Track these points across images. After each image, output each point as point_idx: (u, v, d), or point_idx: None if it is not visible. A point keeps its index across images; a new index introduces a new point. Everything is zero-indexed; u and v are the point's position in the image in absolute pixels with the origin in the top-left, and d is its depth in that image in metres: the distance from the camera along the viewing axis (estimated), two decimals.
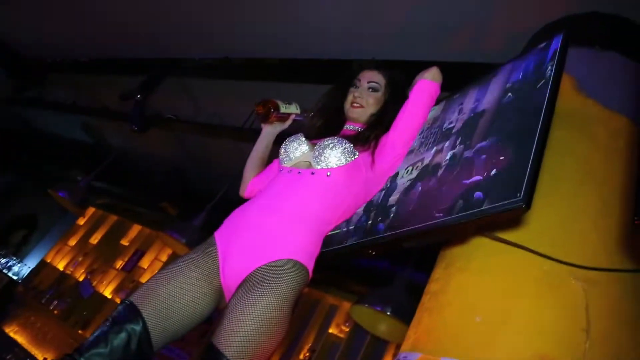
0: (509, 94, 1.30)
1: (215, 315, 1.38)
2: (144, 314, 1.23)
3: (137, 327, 1.22)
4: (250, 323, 1.17)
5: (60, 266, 6.10)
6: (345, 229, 1.52)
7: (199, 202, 3.87)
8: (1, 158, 7.10)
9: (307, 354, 4.15)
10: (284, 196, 1.40)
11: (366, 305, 2.67)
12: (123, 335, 1.20)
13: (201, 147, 4.73)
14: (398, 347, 2.53)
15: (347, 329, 4.11)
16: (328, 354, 4.08)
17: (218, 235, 1.43)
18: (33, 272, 6.23)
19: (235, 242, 1.36)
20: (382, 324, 2.86)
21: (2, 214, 7.47)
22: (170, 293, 1.28)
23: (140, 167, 5.67)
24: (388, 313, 2.56)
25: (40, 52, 4.84)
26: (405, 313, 2.42)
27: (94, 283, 5.55)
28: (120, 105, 4.02)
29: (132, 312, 1.24)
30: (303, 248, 1.33)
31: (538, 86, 1.20)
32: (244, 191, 1.70)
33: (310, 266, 1.34)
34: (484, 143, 1.23)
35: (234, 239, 1.38)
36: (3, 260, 6.38)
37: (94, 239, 6.18)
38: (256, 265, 1.30)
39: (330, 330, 4.18)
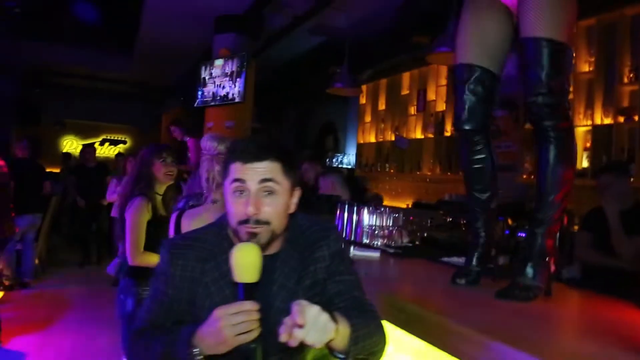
0: None
1: None
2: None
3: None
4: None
5: (371, 139, 7.19)
6: None
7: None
8: (281, 96, 8.60)
9: (631, 75, 3.90)
10: None
11: None
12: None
13: None
14: None
15: None
16: None
17: None
18: (357, 156, 7.52)
19: None
20: None
21: (311, 133, 9.15)
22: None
23: (371, 27, 5.92)
24: None
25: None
26: None
27: (405, 134, 6.37)
28: None
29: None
30: None
31: None
32: None
33: None
34: None
35: None
36: (335, 160, 7.88)
37: (381, 105, 7.01)
38: None
39: None
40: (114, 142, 12.26)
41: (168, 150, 2.61)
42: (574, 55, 4.22)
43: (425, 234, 2.95)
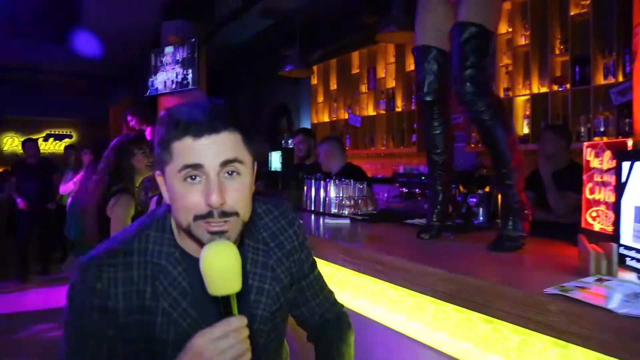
0: None
1: None
2: None
3: None
4: None
5: (325, 119, 7.36)
6: None
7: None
8: (234, 80, 8.60)
9: (562, 47, 4.25)
10: None
11: None
12: None
13: None
14: None
15: (587, 2, 4.01)
16: (580, 38, 4.09)
17: None
18: None
19: None
20: None
21: (264, 116, 9.20)
22: None
23: (320, 7, 6.04)
24: None
25: None
26: None
27: (357, 112, 6.58)
28: None
29: None
30: None
31: None
32: None
33: None
34: None
35: None
36: (290, 141, 7.99)
37: (332, 85, 7.18)
38: None
39: (572, 13, 4.12)
40: (59, 137, 11.82)
41: (147, 140, 2.55)
42: (511, 30, 4.56)
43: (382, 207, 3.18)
